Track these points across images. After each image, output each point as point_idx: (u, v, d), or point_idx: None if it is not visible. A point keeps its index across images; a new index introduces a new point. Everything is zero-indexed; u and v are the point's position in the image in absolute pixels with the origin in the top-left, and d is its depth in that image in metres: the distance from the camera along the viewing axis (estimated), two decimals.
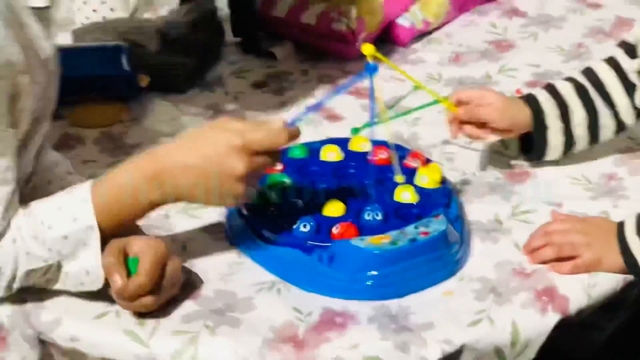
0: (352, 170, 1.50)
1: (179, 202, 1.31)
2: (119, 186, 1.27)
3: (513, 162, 1.60)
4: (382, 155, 1.50)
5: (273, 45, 1.96)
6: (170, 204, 1.31)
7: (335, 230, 1.36)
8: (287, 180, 1.45)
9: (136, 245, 1.29)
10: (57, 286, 1.30)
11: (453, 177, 1.55)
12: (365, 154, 1.52)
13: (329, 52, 1.94)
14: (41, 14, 1.31)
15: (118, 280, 1.25)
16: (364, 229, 1.36)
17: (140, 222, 1.35)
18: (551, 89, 1.55)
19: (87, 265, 1.28)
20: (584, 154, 1.58)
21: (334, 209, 1.39)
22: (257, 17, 1.98)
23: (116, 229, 1.28)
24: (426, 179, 1.45)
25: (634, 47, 1.52)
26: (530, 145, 1.55)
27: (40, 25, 1.29)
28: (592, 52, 1.90)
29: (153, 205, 1.30)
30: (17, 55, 1.21)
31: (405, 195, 1.42)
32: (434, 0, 2.03)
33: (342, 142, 1.56)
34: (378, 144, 1.50)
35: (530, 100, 1.54)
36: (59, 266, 1.28)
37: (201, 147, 1.25)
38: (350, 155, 1.53)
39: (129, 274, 1.27)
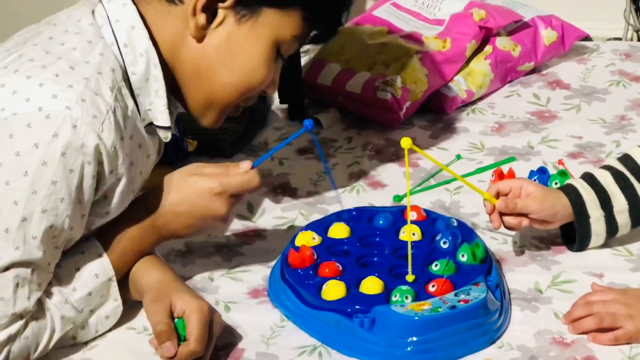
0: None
1: (176, 238, 1.50)
2: (121, 238, 1.41)
3: (554, 231, 1.61)
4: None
5: (318, 113, 1.99)
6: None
7: (432, 288, 1.39)
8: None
9: (180, 305, 1.35)
10: (77, 339, 1.38)
11: (494, 246, 1.57)
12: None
13: (374, 120, 1.97)
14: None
15: (171, 349, 1.31)
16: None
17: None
18: (590, 178, 1.55)
19: (107, 311, 1.39)
20: None
21: (372, 285, 1.40)
22: (302, 84, 2.01)
23: (126, 270, 1.42)
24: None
25: None
26: (572, 235, 1.55)
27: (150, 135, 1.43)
28: (634, 125, 1.91)
29: (155, 245, 1.46)
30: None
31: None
32: (477, 70, 2.05)
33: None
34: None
35: (569, 190, 1.53)
36: (82, 324, 1.37)
37: (187, 195, 1.42)
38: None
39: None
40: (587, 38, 2.26)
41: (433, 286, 1.39)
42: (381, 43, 2.04)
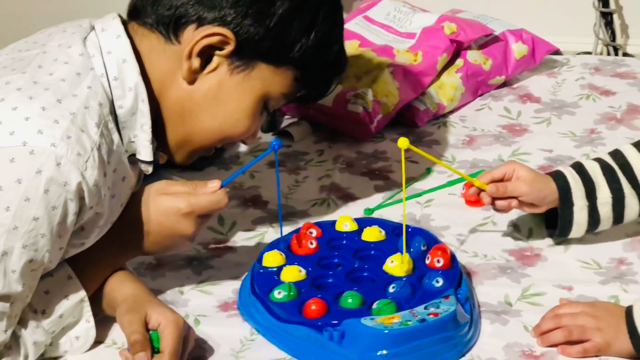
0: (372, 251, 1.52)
1: (144, 255, 1.50)
2: (90, 257, 1.39)
3: (524, 244, 1.62)
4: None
5: (290, 125, 1.99)
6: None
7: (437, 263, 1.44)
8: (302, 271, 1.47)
9: (155, 317, 1.35)
10: (45, 355, 1.37)
11: (463, 259, 1.57)
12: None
13: (345, 133, 1.97)
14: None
15: (144, 359, 1.30)
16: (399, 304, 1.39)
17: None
18: (579, 167, 1.58)
19: (78, 332, 1.38)
20: (593, 238, 1.60)
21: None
22: None
23: (97, 287, 1.42)
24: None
25: None
26: (555, 222, 1.57)
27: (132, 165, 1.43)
28: (604, 138, 1.92)
29: (124, 262, 1.46)
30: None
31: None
32: (449, 84, 2.06)
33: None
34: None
35: (558, 176, 1.57)
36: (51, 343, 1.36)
37: (154, 215, 1.41)
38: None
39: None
40: (558, 52, 2.27)
41: (438, 261, 1.43)
42: (353, 56, 2.04)
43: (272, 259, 1.48)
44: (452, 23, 2.10)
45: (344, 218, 1.57)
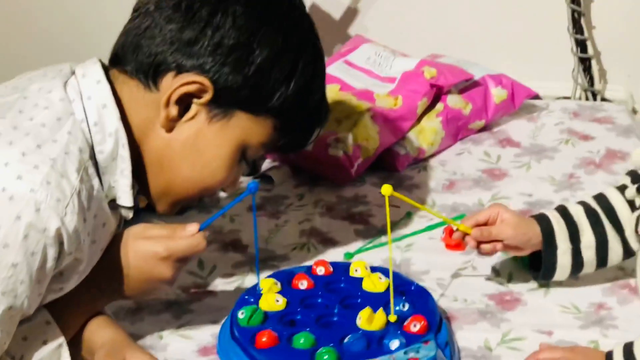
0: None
1: (123, 299, 1.49)
2: (69, 301, 1.37)
3: (504, 289, 1.62)
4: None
5: (270, 169, 1.99)
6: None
7: (414, 327, 1.42)
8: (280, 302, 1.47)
9: None
10: None
11: (444, 303, 1.57)
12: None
13: (325, 177, 1.97)
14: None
15: None
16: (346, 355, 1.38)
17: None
18: (563, 211, 1.59)
19: None
20: (573, 282, 1.61)
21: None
22: None
23: (75, 331, 1.41)
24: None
25: (639, 176, 1.56)
26: (539, 265, 1.58)
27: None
28: (583, 183, 1.93)
29: (102, 306, 1.45)
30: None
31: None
32: (429, 128, 2.07)
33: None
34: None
35: (542, 219, 1.57)
36: None
37: (133, 259, 1.40)
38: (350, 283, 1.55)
39: None
40: (537, 97, 2.28)
41: (415, 325, 1.41)
42: (333, 100, 2.05)
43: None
44: (432, 68, 2.11)
45: (358, 263, 1.57)
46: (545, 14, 2.45)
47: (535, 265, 1.59)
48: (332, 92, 2.07)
